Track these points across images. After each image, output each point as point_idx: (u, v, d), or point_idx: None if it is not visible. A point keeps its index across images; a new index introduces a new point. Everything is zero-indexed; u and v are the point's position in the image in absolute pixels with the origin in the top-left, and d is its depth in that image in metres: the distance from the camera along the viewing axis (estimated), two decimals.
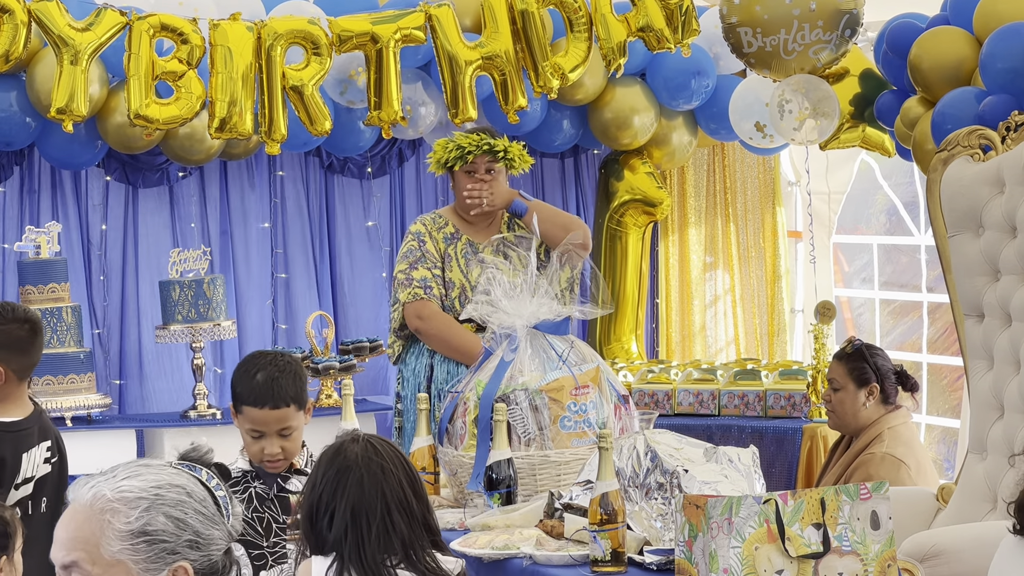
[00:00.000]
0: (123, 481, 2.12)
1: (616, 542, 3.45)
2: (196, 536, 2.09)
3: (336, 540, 2.86)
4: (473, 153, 5.15)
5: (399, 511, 2.88)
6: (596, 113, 7.02)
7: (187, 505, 2.10)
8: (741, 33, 6.26)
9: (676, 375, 6.52)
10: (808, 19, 6.12)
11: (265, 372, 3.67)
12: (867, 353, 5.22)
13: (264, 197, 7.01)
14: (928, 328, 7.28)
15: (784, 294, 7.70)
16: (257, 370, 3.68)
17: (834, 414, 5.25)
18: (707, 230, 7.72)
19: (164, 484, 2.12)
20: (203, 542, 2.10)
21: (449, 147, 5.19)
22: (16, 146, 6.27)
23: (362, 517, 2.86)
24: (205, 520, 2.11)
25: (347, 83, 6.29)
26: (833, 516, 3.04)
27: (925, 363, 7.24)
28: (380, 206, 7.21)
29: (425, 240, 5.20)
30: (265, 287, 7.01)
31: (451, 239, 5.22)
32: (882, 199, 7.58)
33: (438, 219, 5.28)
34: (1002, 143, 4.52)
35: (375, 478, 2.89)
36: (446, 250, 5.20)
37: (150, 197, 6.78)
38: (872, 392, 5.16)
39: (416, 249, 5.19)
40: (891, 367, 5.23)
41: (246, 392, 3.67)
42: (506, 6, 5.89)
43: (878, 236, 7.66)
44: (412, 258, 5.18)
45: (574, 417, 4.17)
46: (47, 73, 5.76)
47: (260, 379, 3.66)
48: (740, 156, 7.67)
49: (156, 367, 6.81)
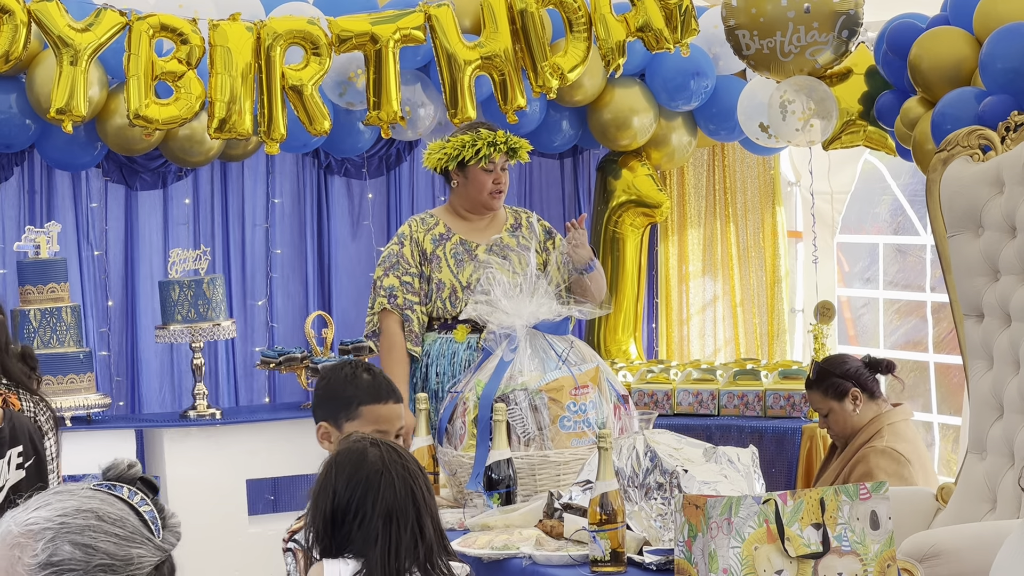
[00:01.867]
0: (32, 513, 2.05)
1: (615, 542, 3.45)
2: (110, 559, 2.02)
3: (364, 544, 2.84)
4: (500, 150, 5.17)
5: (427, 514, 2.88)
6: (595, 114, 7.02)
7: (96, 529, 2.02)
8: (740, 36, 6.26)
9: (676, 375, 6.52)
10: (803, 21, 6.12)
11: (367, 371, 3.58)
12: (829, 366, 5.20)
13: (261, 198, 7.02)
14: (934, 327, 7.27)
15: (784, 294, 7.70)
16: (357, 371, 3.58)
17: (835, 434, 5.25)
18: (707, 230, 7.72)
19: (71, 511, 2.04)
20: (120, 564, 2.03)
21: (478, 144, 5.16)
22: (16, 148, 6.27)
23: (395, 521, 2.84)
24: (120, 541, 2.03)
25: (346, 84, 6.29)
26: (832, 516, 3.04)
27: (932, 363, 7.23)
28: (375, 206, 7.22)
29: (405, 243, 5.20)
30: (260, 287, 7.02)
31: (440, 239, 5.21)
32: (888, 198, 7.57)
33: (428, 219, 5.27)
34: (1002, 143, 4.52)
35: (405, 481, 2.88)
36: (433, 251, 5.19)
37: (147, 198, 6.79)
38: (856, 397, 5.14)
39: (393, 254, 5.21)
40: (858, 364, 5.20)
41: (363, 391, 3.55)
42: (505, 6, 5.89)
43: (883, 236, 7.65)
44: (388, 263, 5.21)
45: (574, 417, 4.17)
46: (47, 75, 5.76)
47: (368, 378, 3.57)
48: (740, 156, 7.67)
49: (156, 367, 6.82)
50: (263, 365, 6.55)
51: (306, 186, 7.10)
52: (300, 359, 6.49)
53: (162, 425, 6.26)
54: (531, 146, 5.34)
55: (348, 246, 7.17)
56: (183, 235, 6.84)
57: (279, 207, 7.04)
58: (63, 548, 1.99)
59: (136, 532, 2.05)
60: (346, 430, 3.44)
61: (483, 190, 5.19)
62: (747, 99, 6.77)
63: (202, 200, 6.92)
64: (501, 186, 5.21)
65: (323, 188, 7.13)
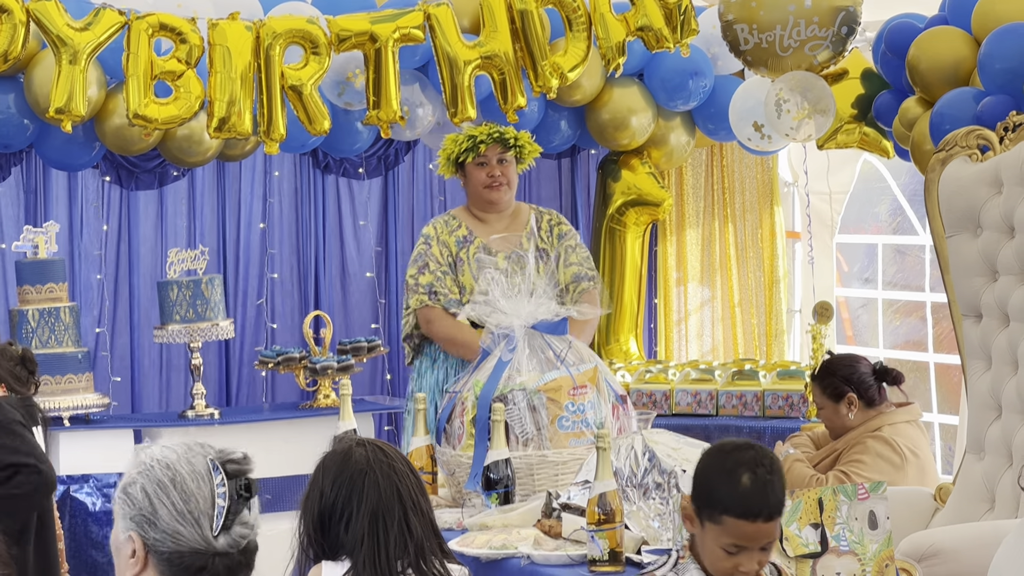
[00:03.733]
0: (156, 445, 2.29)
1: (614, 542, 3.45)
2: (154, 518, 2.21)
3: (352, 545, 2.84)
4: (485, 142, 5.15)
5: (414, 512, 2.87)
6: (594, 114, 7.02)
7: (165, 489, 2.22)
8: (738, 30, 6.25)
9: (674, 375, 6.52)
10: (804, 15, 6.12)
11: (752, 473, 2.89)
12: (833, 367, 5.12)
13: (259, 198, 7.01)
14: (934, 327, 7.27)
15: (782, 294, 7.70)
16: (740, 469, 2.89)
17: (830, 429, 5.21)
18: (705, 230, 7.72)
19: (163, 461, 2.24)
20: (161, 526, 2.21)
21: (460, 139, 5.18)
22: (14, 148, 6.26)
23: (380, 520, 2.84)
24: (174, 512, 2.22)
25: (345, 85, 6.29)
26: (831, 516, 3.04)
27: (932, 363, 7.23)
28: (371, 206, 7.22)
29: (432, 243, 5.19)
30: (258, 287, 7.02)
31: (464, 242, 5.20)
32: (887, 198, 7.57)
33: (451, 221, 5.26)
34: (1000, 143, 4.52)
35: (390, 480, 2.87)
36: (458, 253, 5.18)
37: (146, 198, 6.79)
38: (851, 402, 5.03)
39: (424, 254, 5.18)
40: (865, 371, 5.06)
41: (730, 499, 2.88)
42: (505, 6, 5.88)
43: (883, 236, 7.65)
44: (420, 263, 5.17)
45: (572, 417, 4.17)
46: (45, 75, 5.75)
47: (748, 483, 2.87)
48: (738, 156, 7.67)
49: (154, 367, 6.81)
50: (261, 365, 6.55)
51: (304, 186, 7.10)
52: (298, 359, 6.49)
53: (160, 425, 6.26)
54: (532, 137, 5.29)
55: (347, 246, 7.17)
56: (181, 235, 6.83)
57: (277, 207, 7.04)
58: (137, 484, 2.23)
59: (195, 514, 2.22)
60: (707, 528, 2.93)
61: (479, 185, 5.19)
62: (739, 102, 6.76)
63: (200, 200, 6.91)
64: (498, 179, 5.17)
65: (321, 188, 7.13)
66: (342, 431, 4.28)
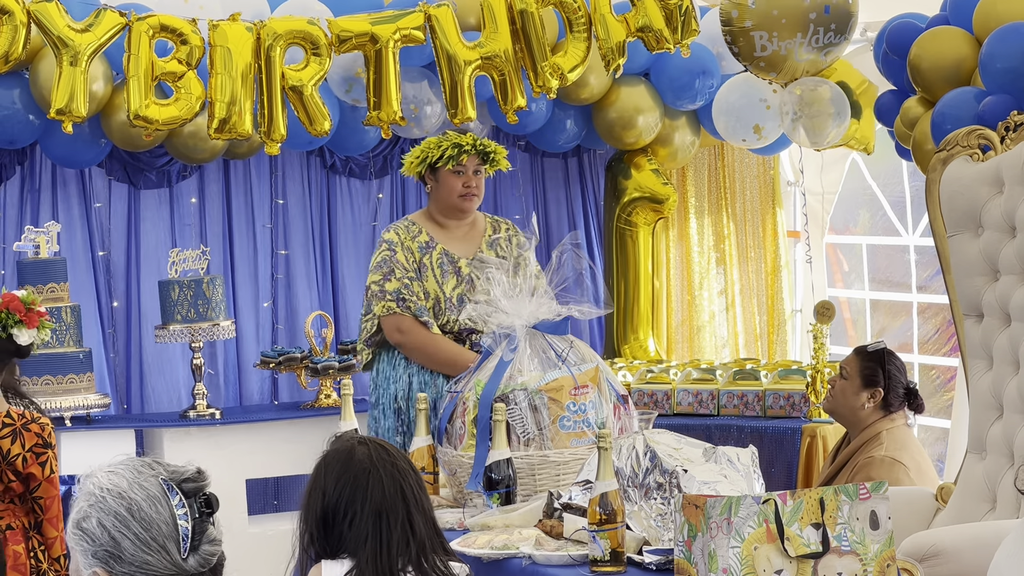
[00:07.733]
0: (102, 472, 2.21)
1: (615, 542, 3.45)
2: (119, 551, 2.14)
3: (355, 544, 2.84)
4: (468, 152, 5.17)
5: (417, 511, 2.87)
6: (600, 113, 7.02)
7: (123, 521, 2.14)
8: (756, 37, 6.24)
9: (675, 375, 6.52)
10: (823, 22, 6.17)
11: None
12: (885, 358, 5.22)
13: (265, 197, 7.00)
14: (919, 328, 7.27)
15: (784, 294, 7.70)
16: None
17: (832, 399, 5.27)
18: (707, 230, 7.72)
19: (115, 491, 2.16)
20: (127, 559, 2.14)
21: (444, 145, 5.19)
22: (19, 144, 6.26)
23: (384, 519, 2.84)
24: (137, 541, 2.14)
25: (352, 81, 6.27)
26: (832, 516, 3.04)
27: (917, 363, 7.24)
28: (382, 206, 7.21)
29: (396, 249, 5.18)
30: (265, 288, 7.01)
31: (426, 248, 5.20)
32: (870, 199, 7.57)
33: (411, 227, 5.25)
34: (1001, 143, 4.52)
35: (393, 478, 2.87)
36: (421, 259, 5.18)
37: (151, 197, 6.77)
38: (874, 396, 5.16)
39: (388, 260, 5.16)
40: (904, 381, 5.22)
41: None
42: (505, 6, 5.89)
43: (867, 236, 7.66)
44: (385, 269, 5.15)
45: (573, 417, 4.17)
46: (51, 70, 5.73)
47: None
48: (740, 156, 7.67)
49: (155, 367, 6.81)
50: (263, 365, 6.55)
51: (312, 186, 7.09)
52: (300, 359, 6.49)
53: (162, 425, 6.26)
54: (506, 153, 5.32)
55: (356, 246, 7.16)
56: (188, 235, 6.81)
57: (285, 207, 7.02)
58: (92, 518, 2.15)
59: (159, 540, 2.15)
60: None
61: (453, 192, 5.19)
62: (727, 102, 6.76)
63: (207, 200, 6.89)
64: (472, 190, 5.20)
65: (329, 188, 7.12)
66: (343, 431, 4.28)
